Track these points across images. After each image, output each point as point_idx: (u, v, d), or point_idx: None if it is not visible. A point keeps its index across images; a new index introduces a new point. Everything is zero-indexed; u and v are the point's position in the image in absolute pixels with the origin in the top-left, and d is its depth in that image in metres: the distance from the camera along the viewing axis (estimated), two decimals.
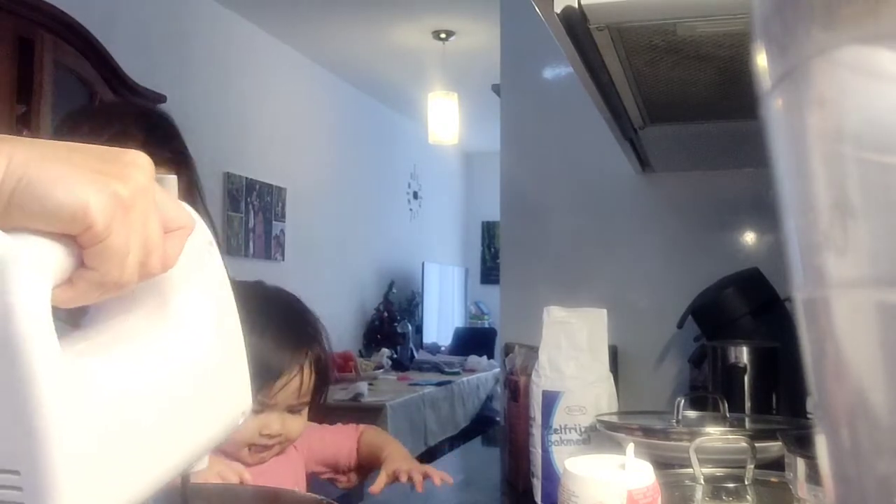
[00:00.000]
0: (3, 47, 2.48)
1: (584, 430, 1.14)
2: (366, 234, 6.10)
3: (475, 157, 7.88)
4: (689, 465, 0.93)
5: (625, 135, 1.48)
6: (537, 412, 1.15)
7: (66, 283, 0.37)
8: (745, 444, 0.96)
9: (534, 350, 1.20)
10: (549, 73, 2.04)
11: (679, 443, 1.01)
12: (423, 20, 4.59)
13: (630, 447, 0.80)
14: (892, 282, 0.20)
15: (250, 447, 1.08)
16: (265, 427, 1.07)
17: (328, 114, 5.64)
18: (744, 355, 1.47)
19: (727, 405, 1.20)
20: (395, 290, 6.26)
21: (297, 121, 5.20)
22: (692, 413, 1.25)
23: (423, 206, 7.20)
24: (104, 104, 1.23)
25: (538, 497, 1.16)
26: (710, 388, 1.52)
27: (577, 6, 0.86)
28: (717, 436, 1.04)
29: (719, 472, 0.97)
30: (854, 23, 0.20)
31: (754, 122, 0.27)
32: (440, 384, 4.85)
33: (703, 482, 0.93)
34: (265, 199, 4.75)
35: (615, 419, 1.13)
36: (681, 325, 1.70)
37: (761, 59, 0.24)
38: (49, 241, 0.36)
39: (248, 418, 1.07)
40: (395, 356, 5.67)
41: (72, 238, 0.37)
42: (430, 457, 4.18)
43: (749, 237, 1.90)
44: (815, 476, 0.79)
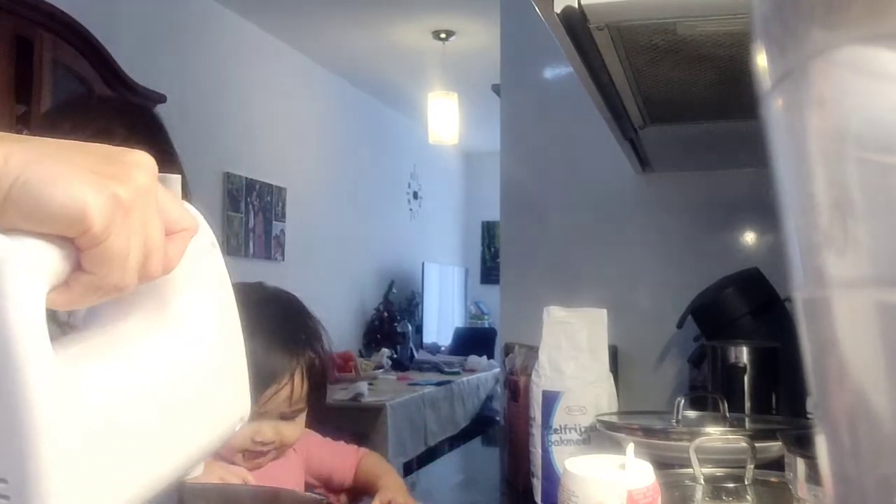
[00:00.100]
0: (2, 47, 2.47)
1: (584, 430, 1.14)
2: (366, 234, 6.10)
3: (475, 157, 7.88)
4: (689, 465, 0.93)
5: (625, 135, 1.48)
6: (537, 412, 1.15)
7: (63, 285, 0.36)
8: (745, 444, 0.96)
9: (534, 350, 1.20)
10: (549, 73, 2.04)
11: (679, 443, 1.01)
12: (423, 20, 4.59)
13: (630, 447, 0.80)
14: (892, 282, 0.20)
15: (244, 453, 1.06)
16: (257, 434, 1.05)
17: (328, 114, 5.64)
18: (744, 355, 1.47)
19: (727, 405, 1.20)
20: (395, 290, 6.26)
21: (297, 121, 5.20)
22: (692, 413, 1.25)
23: (423, 206, 7.20)
24: (86, 99, 1.20)
25: (538, 497, 1.16)
26: (710, 388, 1.52)
27: (577, 6, 0.86)
28: (717, 436, 1.04)
29: (719, 472, 0.97)
30: (854, 23, 0.20)
31: (754, 122, 0.27)
32: (440, 384, 4.85)
33: (703, 482, 0.93)
34: (265, 199, 4.75)
35: (615, 419, 1.13)
36: (681, 325, 1.70)
37: (761, 59, 0.24)
38: (46, 242, 0.35)
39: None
40: (395, 356, 5.67)
41: (69, 240, 0.36)
42: (430, 457, 4.18)
43: (749, 237, 1.90)
44: (815, 476, 0.79)
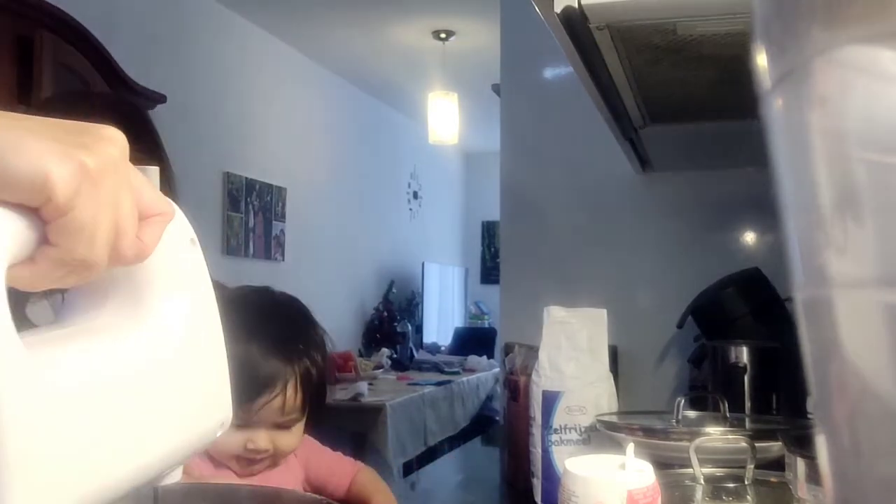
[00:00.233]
0: (2, 46, 2.47)
1: (584, 430, 1.14)
2: (366, 235, 6.10)
3: (475, 157, 7.88)
4: (689, 465, 0.93)
5: (625, 135, 1.48)
6: (537, 412, 1.15)
7: (28, 260, 0.35)
8: (745, 444, 0.96)
9: (534, 350, 1.20)
10: (549, 73, 2.04)
11: (679, 443, 1.01)
12: (423, 20, 4.59)
13: (630, 447, 0.80)
14: (893, 282, 0.20)
15: (237, 459, 1.05)
16: (250, 441, 1.04)
17: (328, 114, 5.64)
18: (744, 355, 1.47)
19: (727, 405, 1.20)
20: (395, 290, 6.26)
21: (297, 121, 5.20)
22: (692, 413, 1.25)
23: (423, 206, 7.20)
24: (75, 96, 1.19)
25: (538, 497, 1.16)
26: (710, 388, 1.52)
27: (577, 6, 0.86)
28: (717, 436, 1.04)
29: (719, 472, 0.97)
30: (855, 22, 0.20)
31: (754, 122, 0.27)
32: (440, 384, 4.85)
33: (703, 482, 0.93)
34: (265, 199, 4.75)
35: (615, 419, 1.13)
36: (681, 325, 1.70)
37: (761, 59, 0.24)
38: (7, 212, 0.33)
39: (233, 431, 1.06)
40: (394, 356, 5.67)
41: (34, 212, 0.34)
42: (430, 457, 4.18)
43: (749, 237, 1.90)
44: (815, 476, 0.79)
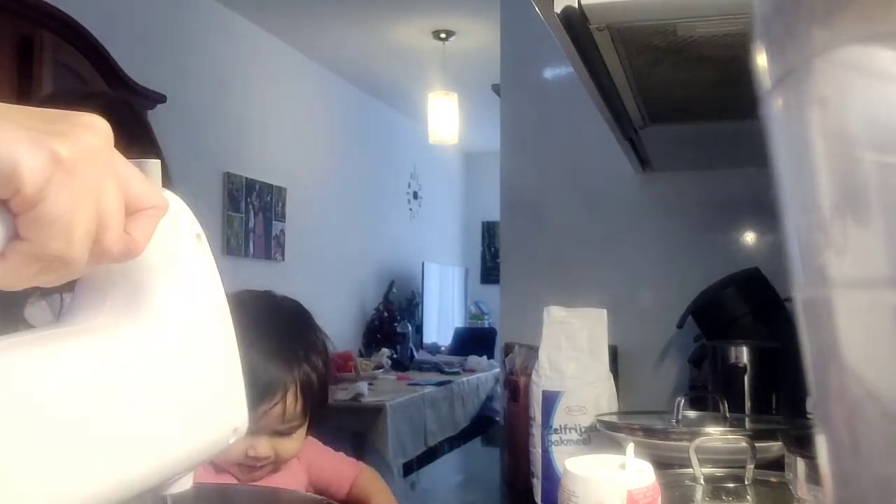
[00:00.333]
0: (2, 46, 2.48)
1: (584, 430, 1.14)
2: (366, 235, 6.10)
3: (475, 157, 7.88)
4: (689, 465, 0.93)
5: (625, 135, 1.48)
6: (537, 412, 1.15)
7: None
8: (745, 444, 0.96)
9: (534, 350, 1.20)
10: (549, 73, 2.04)
11: (679, 443, 1.01)
12: (423, 20, 4.59)
13: (630, 447, 0.80)
14: (892, 282, 0.20)
15: (239, 465, 1.05)
16: (251, 448, 1.03)
17: (328, 113, 5.64)
18: (744, 355, 1.47)
19: (727, 405, 1.20)
20: (395, 290, 6.26)
21: (297, 121, 5.20)
22: (692, 413, 1.25)
23: (423, 206, 7.20)
24: (65, 94, 1.17)
25: (538, 497, 1.16)
26: (710, 388, 1.52)
27: (577, 6, 0.86)
28: (717, 436, 1.04)
29: (719, 472, 0.97)
30: (855, 22, 0.20)
31: (754, 122, 0.27)
32: (440, 384, 4.85)
33: (703, 482, 0.93)
34: (265, 199, 4.75)
35: (615, 419, 1.13)
36: (681, 325, 1.70)
37: (761, 59, 0.24)
38: None
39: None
40: (395, 356, 5.67)
41: (4, 204, 0.32)
42: (430, 457, 4.18)
43: (749, 237, 1.90)
44: (815, 476, 0.79)
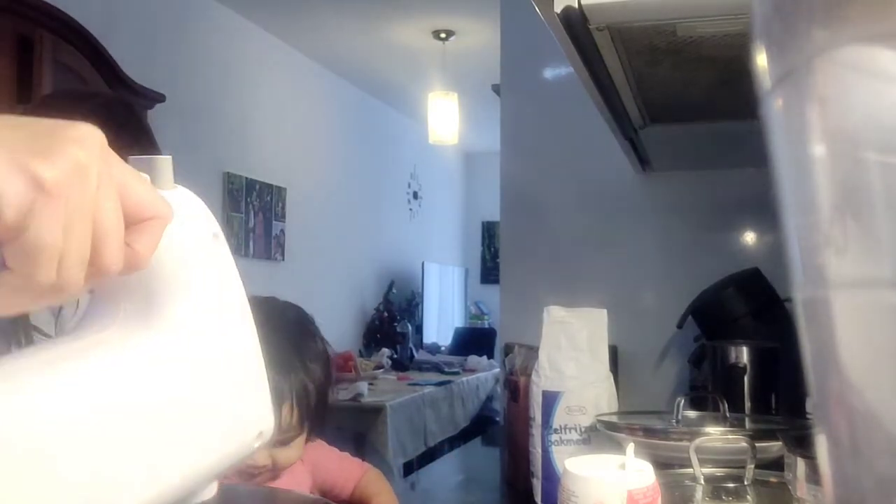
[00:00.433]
0: (2, 46, 2.48)
1: (584, 430, 1.14)
2: (366, 234, 6.10)
3: (475, 157, 7.88)
4: (689, 465, 0.93)
5: (625, 135, 1.48)
6: (537, 412, 1.15)
7: None
8: (745, 444, 0.96)
9: (534, 350, 1.20)
10: (549, 73, 2.04)
11: (679, 443, 1.01)
12: (423, 20, 4.59)
13: (630, 447, 0.80)
14: (892, 282, 0.20)
15: (238, 472, 1.06)
16: (248, 457, 1.04)
17: (328, 113, 5.64)
18: (744, 355, 1.47)
19: (727, 405, 1.20)
20: (395, 290, 6.26)
21: (297, 121, 5.20)
22: (692, 413, 1.25)
23: (423, 206, 7.20)
24: (63, 94, 1.16)
25: (538, 497, 1.16)
26: (710, 388, 1.52)
27: (577, 6, 0.86)
28: (717, 436, 1.04)
29: (719, 472, 0.97)
30: (854, 22, 0.20)
31: (754, 122, 0.27)
32: (440, 384, 4.85)
33: (703, 482, 0.93)
34: (265, 199, 4.75)
35: (615, 419, 1.13)
36: (681, 325, 1.70)
37: (761, 59, 0.24)
38: None
39: None
40: (395, 356, 5.67)
41: None
42: (430, 457, 4.18)
43: (749, 237, 1.90)
44: (815, 476, 0.79)
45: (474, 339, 6.66)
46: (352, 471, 1.26)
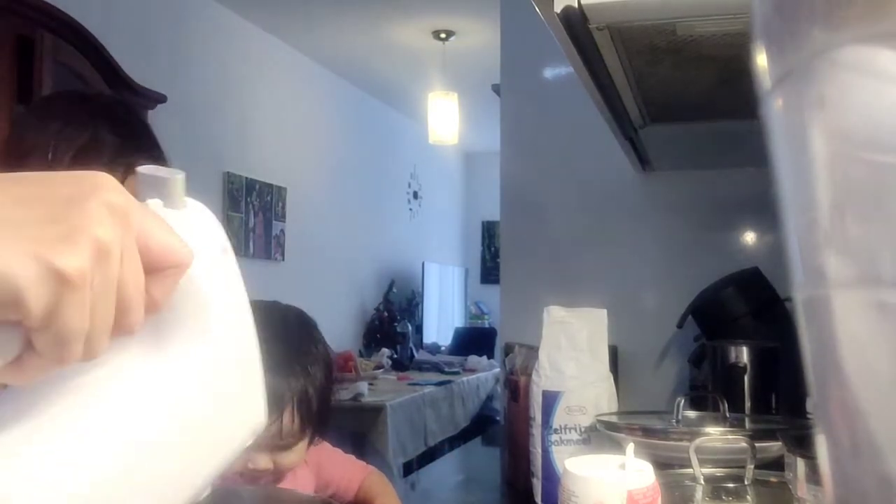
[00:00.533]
0: (2, 46, 2.47)
1: (584, 430, 1.14)
2: (366, 234, 6.10)
3: (475, 157, 7.88)
4: (689, 465, 0.93)
5: (625, 135, 1.48)
6: (537, 412, 1.15)
7: (15, 363, 0.31)
8: (745, 444, 0.96)
9: (534, 350, 1.20)
10: (549, 73, 2.04)
11: (679, 443, 1.01)
12: (423, 20, 4.59)
13: (630, 447, 0.80)
14: (892, 282, 0.20)
15: (241, 475, 1.04)
16: (250, 462, 1.03)
17: (328, 113, 5.64)
18: (744, 355, 1.47)
19: (727, 405, 1.20)
20: (395, 290, 6.26)
21: (297, 121, 5.20)
22: (692, 413, 1.25)
23: (423, 206, 7.20)
24: (74, 100, 1.15)
25: (538, 497, 1.16)
26: (710, 388, 1.52)
27: (577, 6, 0.86)
28: (717, 436, 1.04)
29: (719, 472, 0.97)
30: (855, 23, 0.20)
31: (754, 122, 0.27)
32: (440, 384, 4.85)
33: (703, 482, 0.93)
34: (265, 199, 4.75)
35: (615, 419, 1.13)
36: (681, 325, 1.70)
37: (761, 59, 0.24)
38: None
39: None
40: (395, 356, 5.67)
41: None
42: (430, 457, 4.18)
43: (749, 237, 1.90)
44: (815, 476, 0.79)
45: (474, 339, 6.66)
46: (355, 473, 1.26)
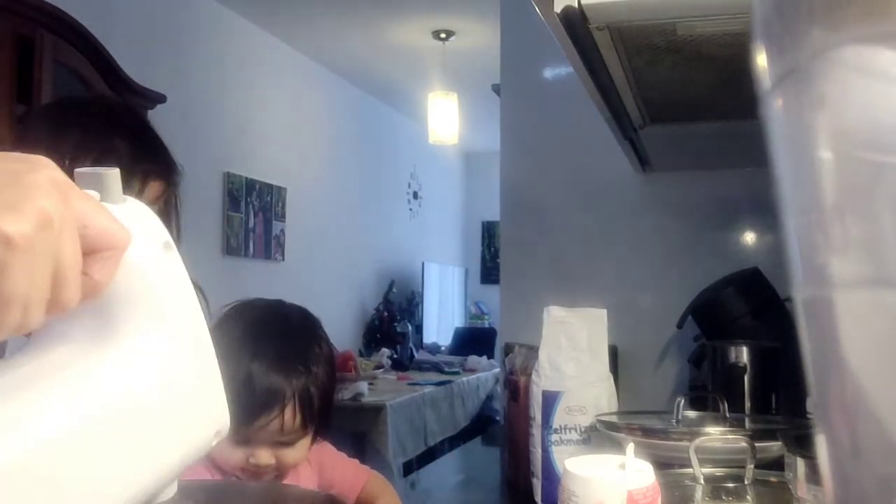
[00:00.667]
0: (2, 47, 2.47)
1: (584, 430, 1.14)
2: (366, 234, 6.10)
3: (475, 157, 7.88)
4: (689, 465, 0.93)
5: (625, 135, 1.48)
6: (537, 412, 1.15)
7: None
8: (745, 444, 0.96)
9: (534, 350, 1.20)
10: (549, 73, 2.04)
11: (679, 443, 1.01)
12: (423, 20, 4.59)
13: (630, 447, 0.80)
14: (892, 282, 0.20)
15: (243, 471, 1.05)
16: (252, 457, 1.03)
17: (328, 113, 5.64)
18: (744, 355, 1.47)
19: (727, 405, 1.20)
20: (395, 290, 6.26)
21: (297, 121, 5.20)
22: (692, 413, 1.25)
23: (423, 206, 7.20)
24: (87, 107, 1.14)
25: (538, 497, 1.16)
26: (710, 388, 1.52)
27: (577, 6, 0.86)
28: (717, 436, 1.04)
29: (719, 472, 0.97)
30: (854, 23, 0.20)
31: (754, 122, 0.27)
32: (440, 384, 4.85)
33: (703, 482, 0.93)
34: (265, 199, 4.75)
35: (615, 419, 1.13)
36: (681, 325, 1.70)
37: (761, 59, 0.24)
38: None
39: (235, 446, 1.05)
40: (395, 356, 5.67)
41: None
42: (430, 457, 4.18)
43: (749, 237, 1.90)
44: (815, 476, 0.79)
45: (474, 339, 6.66)
46: (358, 476, 1.26)
